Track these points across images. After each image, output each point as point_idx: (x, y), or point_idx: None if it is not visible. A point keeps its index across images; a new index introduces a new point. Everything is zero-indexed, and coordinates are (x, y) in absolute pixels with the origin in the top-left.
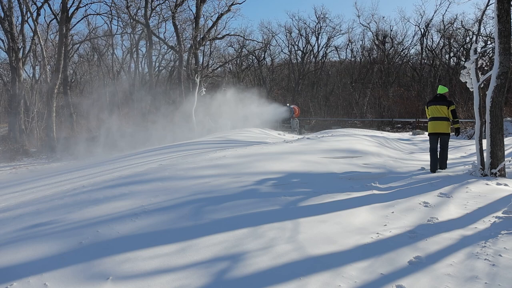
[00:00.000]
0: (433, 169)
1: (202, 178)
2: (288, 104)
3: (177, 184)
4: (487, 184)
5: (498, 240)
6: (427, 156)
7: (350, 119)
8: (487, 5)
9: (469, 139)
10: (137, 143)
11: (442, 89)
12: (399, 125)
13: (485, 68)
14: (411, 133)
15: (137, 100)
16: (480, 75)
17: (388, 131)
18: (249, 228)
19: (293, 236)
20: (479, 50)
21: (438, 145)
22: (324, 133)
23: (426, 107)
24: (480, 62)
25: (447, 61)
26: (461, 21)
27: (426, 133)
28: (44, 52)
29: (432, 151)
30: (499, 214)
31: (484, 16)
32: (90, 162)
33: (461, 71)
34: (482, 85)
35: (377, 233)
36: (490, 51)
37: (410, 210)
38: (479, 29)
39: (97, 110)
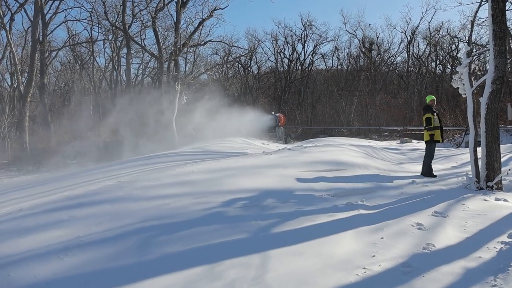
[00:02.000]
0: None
1: (161, 198)
2: (273, 113)
3: (129, 207)
4: (485, 200)
5: (509, 275)
6: (416, 167)
7: (337, 128)
8: (480, 5)
9: (457, 147)
10: (115, 153)
11: (427, 98)
12: (386, 133)
13: (478, 72)
14: (398, 141)
15: (118, 109)
16: (473, 80)
17: (375, 139)
18: (206, 266)
19: (260, 276)
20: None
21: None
22: (309, 142)
23: None
24: (472, 66)
25: (433, 69)
26: (447, 29)
27: (414, 141)
28: (16, 59)
29: None
30: (504, 238)
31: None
32: (56, 176)
33: (453, 76)
34: (475, 91)
35: (364, 268)
36: (481, 56)
37: (402, 234)
38: (472, 31)
39: (77, 120)
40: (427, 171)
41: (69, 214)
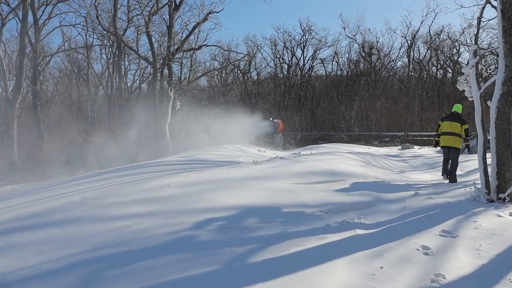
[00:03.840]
0: (443, 174)
1: (124, 219)
2: (271, 118)
3: (82, 231)
4: (499, 216)
5: None
6: (419, 176)
7: (337, 133)
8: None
9: (461, 153)
10: (107, 162)
11: (457, 108)
12: (387, 139)
13: (485, 73)
14: (400, 147)
15: (113, 116)
16: (480, 82)
17: (376, 145)
18: None
19: None
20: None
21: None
22: (307, 149)
23: (440, 122)
24: (479, 67)
25: (434, 74)
26: (448, 33)
27: (416, 147)
28: (4, 65)
29: (445, 161)
30: None
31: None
32: (34, 188)
33: (458, 78)
34: (483, 94)
35: None
36: (482, 60)
37: (406, 261)
38: (478, 29)
39: (72, 127)
40: (455, 177)
41: (7, 241)
